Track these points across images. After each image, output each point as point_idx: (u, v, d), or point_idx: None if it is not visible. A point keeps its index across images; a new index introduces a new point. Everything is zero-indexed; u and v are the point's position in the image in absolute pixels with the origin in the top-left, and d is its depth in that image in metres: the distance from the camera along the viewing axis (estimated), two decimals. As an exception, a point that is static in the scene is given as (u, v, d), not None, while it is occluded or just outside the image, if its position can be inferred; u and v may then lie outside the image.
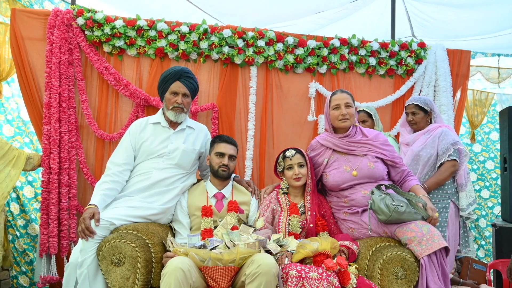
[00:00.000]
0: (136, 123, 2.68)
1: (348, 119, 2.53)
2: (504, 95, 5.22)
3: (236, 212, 2.51)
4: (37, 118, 3.13)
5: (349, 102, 2.55)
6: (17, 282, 3.40)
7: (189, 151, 2.63)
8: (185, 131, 2.67)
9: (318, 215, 2.52)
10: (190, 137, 2.68)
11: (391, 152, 2.58)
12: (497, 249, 3.84)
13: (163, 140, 2.60)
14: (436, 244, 2.17)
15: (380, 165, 2.53)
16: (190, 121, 2.75)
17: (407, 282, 2.19)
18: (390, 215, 2.26)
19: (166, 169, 2.56)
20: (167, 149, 2.58)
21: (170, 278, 1.92)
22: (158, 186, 2.53)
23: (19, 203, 3.45)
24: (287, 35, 3.49)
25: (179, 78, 2.58)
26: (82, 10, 3.16)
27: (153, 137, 2.60)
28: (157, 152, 2.57)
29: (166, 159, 2.57)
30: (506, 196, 4.03)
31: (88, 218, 2.19)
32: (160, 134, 2.62)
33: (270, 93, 3.51)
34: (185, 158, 2.61)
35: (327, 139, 2.62)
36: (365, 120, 3.32)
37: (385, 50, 3.65)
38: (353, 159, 2.55)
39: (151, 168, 2.55)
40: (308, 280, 1.97)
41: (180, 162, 2.59)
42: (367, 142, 2.57)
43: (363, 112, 3.34)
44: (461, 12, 4.16)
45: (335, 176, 2.54)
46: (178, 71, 2.59)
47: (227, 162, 2.58)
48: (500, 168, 4.98)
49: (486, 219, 5.11)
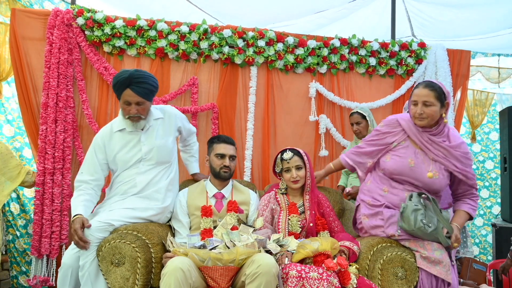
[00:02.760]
0: (99, 135, 2.51)
1: (425, 119, 2.26)
2: (504, 95, 5.23)
3: (236, 212, 2.50)
4: (30, 118, 3.10)
5: (428, 101, 2.23)
6: (17, 282, 3.40)
7: (163, 145, 2.51)
8: (153, 126, 2.52)
9: (318, 214, 2.52)
10: (160, 129, 2.54)
11: (466, 166, 2.31)
12: (497, 249, 3.84)
13: (134, 145, 2.48)
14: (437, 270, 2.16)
15: (443, 180, 2.31)
16: (155, 112, 2.55)
17: (407, 283, 2.19)
18: (413, 230, 2.18)
19: (149, 171, 2.48)
20: (142, 152, 2.47)
21: (170, 278, 1.92)
22: (147, 189, 2.46)
23: (19, 203, 3.45)
24: (287, 35, 3.49)
25: (129, 86, 2.32)
26: (82, 10, 3.15)
27: (124, 145, 2.47)
28: (133, 159, 2.47)
29: (145, 161, 2.47)
30: (506, 196, 4.03)
31: (79, 228, 2.14)
32: (130, 140, 2.48)
33: (271, 93, 3.51)
34: (163, 153, 2.51)
35: (408, 122, 2.35)
36: (359, 122, 3.29)
37: (385, 50, 3.64)
38: (422, 157, 2.32)
39: (134, 174, 2.46)
40: (308, 280, 1.97)
41: (160, 159, 2.51)
42: (446, 147, 2.29)
43: (356, 114, 3.31)
44: (461, 12, 4.16)
45: (395, 164, 2.34)
46: (126, 79, 2.32)
47: (228, 163, 2.57)
48: (499, 168, 4.99)
49: (484, 218, 5.12)
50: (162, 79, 3.30)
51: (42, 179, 3.01)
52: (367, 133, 3.24)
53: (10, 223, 3.40)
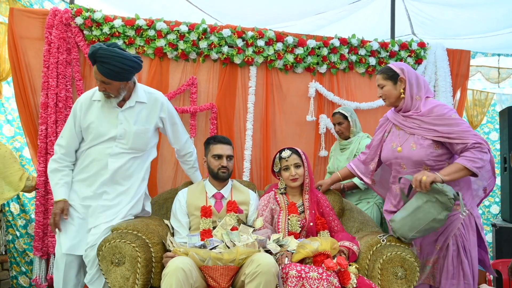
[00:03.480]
0: (79, 100, 2.43)
1: (386, 99, 2.44)
2: (504, 95, 5.23)
3: (236, 213, 2.50)
4: (29, 118, 3.08)
5: (380, 84, 2.43)
6: (17, 282, 3.39)
7: (141, 132, 2.41)
8: (134, 108, 2.41)
9: (317, 214, 2.52)
10: (141, 115, 2.43)
11: (447, 126, 2.25)
12: (497, 249, 3.84)
13: (111, 121, 2.37)
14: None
15: (422, 150, 2.29)
16: (141, 95, 2.44)
17: (407, 282, 2.19)
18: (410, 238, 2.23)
19: (121, 153, 2.38)
20: (117, 130, 2.36)
21: (171, 278, 1.92)
22: (117, 174, 2.38)
23: (19, 203, 3.45)
24: (286, 35, 3.48)
25: (96, 63, 2.23)
26: (81, 10, 3.15)
27: (100, 117, 2.38)
28: (106, 134, 2.36)
29: (119, 143, 2.38)
30: (506, 196, 4.03)
31: (59, 214, 2.30)
32: (108, 114, 2.38)
33: (270, 93, 3.50)
34: (139, 140, 2.42)
35: (391, 112, 2.51)
36: (341, 122, 3.21)
37: (385, 50, 3.64)
38: (403, 135, 2.39)
39: (106, 155, 2.37)
40: (308, 280, 1.97)
41: (134, 146, 2.41)
42: (416, 117, 2.33)
43: (338, 114, 3.23)
44: (461, 11, 4.15)
45: (384, 152, 2.49)
46: (91, 55, 2.22)
47: (225, 163, 2.56)
48: (499, 168, 4.99)
49: (482, 218, 5.11)
50: (161, 78, 3.30)
51: (43, 180, 3.00)
52: (349, 133, 3.20)
53: (10, 223, 3.40)
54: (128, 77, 2.31)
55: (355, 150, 3.11)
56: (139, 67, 2.35)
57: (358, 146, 3.11)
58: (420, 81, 2.41)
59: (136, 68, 2.32)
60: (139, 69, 2.36)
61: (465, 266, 2.28)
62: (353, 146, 3.15)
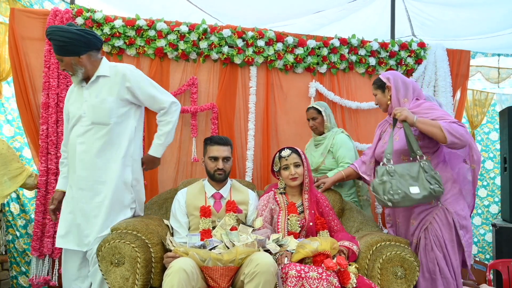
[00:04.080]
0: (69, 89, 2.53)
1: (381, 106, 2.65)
2: (504, 95, 5.23)
3: (235, 212, 2.49)
4: (30, 118, 3.09)
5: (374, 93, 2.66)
6: (16, 282, 3.39)
7: (99, 102, 2.32)
8: (98, 83, 2.36)
9: (317, 213, 2.52)
10: (104, 88, 2.36)
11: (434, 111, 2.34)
12: (497, 249, 3.84)
13: (79, 100, 2.37)
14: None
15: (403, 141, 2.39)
16: (104, 70, 2.38)
17: (406, 282, 2.19)
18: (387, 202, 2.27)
19: (86, 133, 2.32)
20: (81, 109, 2.34)
21: (173, 279, 1.91)
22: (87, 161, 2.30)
23: (19, 203, 3.45)
24: (286, 35, 3.49)
25: (50, 40, 2.30)
26: (81, 10, 3.15)
27: (73, 100, 2.41)
28: (75, 115, 2.35)
29: (82, 121, 2.33)
30: (506, 196, 4.03)
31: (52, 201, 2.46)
32: (78, 95, 2.39)
33: (271, 93, 3.51)
34: (98, 111, 2.32)
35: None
36: (315, 117, 3.16)
37: (385, 50, 3.65)
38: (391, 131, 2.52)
39: (75, 137, 2.34)
40: (308, 280, 1.97)
41: (95, 119, 2.31)
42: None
43: (312, 109, 3.18)
44: (461, 11, 4.16)
45: (376, 149, 2.63)
46: (46, 35, 2.29)
47: (221, 165, 2.53)
48: (499, 168, 4.99)
49: (482, 217, 5.12)
50: (161, 79, 3.30)
51: (45, 179, 3.01)
52: (323, 129, 3.16)
53: (10, 223, 3.40)
54: (75, 50, 2.29)
55: (329, 146, 3.07)
56: (88, 41, 2.31)
57: (332, 141, 3.07)
58: (409, 85, 2.53)
59: (81, 40, 2.28)
60: (88, 43, 2.31)
61: (440, 261, 2.33)
62: (327, 142, 3.10)
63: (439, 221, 2.36)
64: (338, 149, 3.03)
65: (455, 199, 2.40)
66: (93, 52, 2.36)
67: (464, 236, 2.36)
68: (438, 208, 2.36)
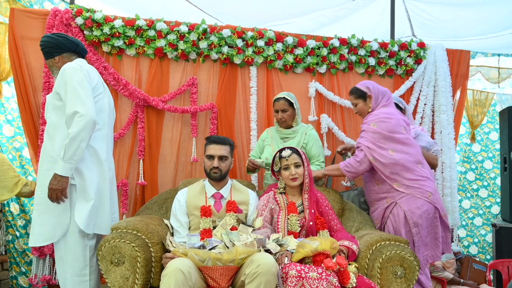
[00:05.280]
0: None
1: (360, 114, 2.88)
2: (504, 95, 5.22)
3: (235, 212, 2.49)
4: (29, 118, 3.08)
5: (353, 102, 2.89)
6: (16, 282, 3.40)
7: (49, 100, 2.42)
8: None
9: (317, 213, 2.52)
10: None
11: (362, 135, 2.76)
12: (497, 249, 3.84)
13: None
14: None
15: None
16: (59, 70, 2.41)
17: (406, 281, 2.20)
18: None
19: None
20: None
21: (170, 279, 1.92)
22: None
23: (19, 203, 3.45)
24: (286, 35, 3.49)
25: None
26: (81, 10, 3.15)
27: None
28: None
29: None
30: (506, 196, 4.04)
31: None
32: None
33: (271, 93, 3.50)
34: (47, 107, 2.44)
35: None
36: (285, 109, 2.98)
37: (385, 50, 3.65)
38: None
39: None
40: (308, 280, 1.97)
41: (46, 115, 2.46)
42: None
43: (283, 100, 2.98)
44: (461, 11, 4.16)
45: None
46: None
47: (217, 164, 2.52)
48: (499, 168, 4.99)
49: (482, 218, 5.11)
50: (161, 79, 3.31)
51: None
52: (292, 122, 3.04)
53: (9, 223, 3.40)
54: (49, 52, 2.47)
55: (302, 141, 3.00)
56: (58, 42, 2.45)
57: (305, 136, 3.02)
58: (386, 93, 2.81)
59: (52, 42, 2.45)
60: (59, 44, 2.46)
61: None
62: (300, 137, 3.02)
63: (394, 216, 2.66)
64: (312, 146, 3.02)
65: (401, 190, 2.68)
66: (66, 53, 2.49)
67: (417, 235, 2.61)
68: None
